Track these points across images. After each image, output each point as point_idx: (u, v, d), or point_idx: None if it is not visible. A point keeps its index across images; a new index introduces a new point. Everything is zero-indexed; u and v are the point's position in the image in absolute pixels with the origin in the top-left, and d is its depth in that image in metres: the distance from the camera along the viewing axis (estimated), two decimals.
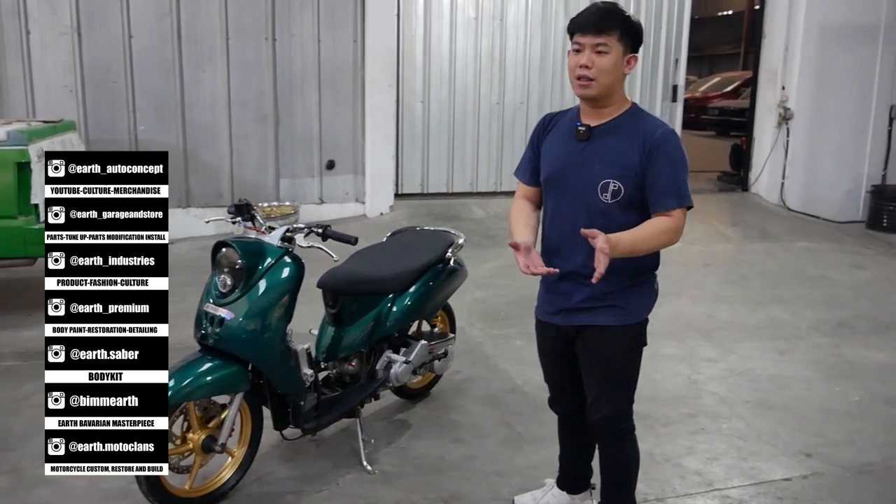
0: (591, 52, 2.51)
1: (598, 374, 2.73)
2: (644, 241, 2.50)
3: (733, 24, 31.74)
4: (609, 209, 2.56)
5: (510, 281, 6.42)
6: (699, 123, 17.68)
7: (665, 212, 2.52)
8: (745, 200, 9.71)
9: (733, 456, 3.69)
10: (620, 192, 2.54)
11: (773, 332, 5.47)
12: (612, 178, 2.55)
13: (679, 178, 2.53)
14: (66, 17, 7.25)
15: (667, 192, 2.52)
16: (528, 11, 9.02)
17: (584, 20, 2.53)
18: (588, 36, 2.51)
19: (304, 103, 8.10)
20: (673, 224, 2.52)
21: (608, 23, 2.51)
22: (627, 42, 2.55)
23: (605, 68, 2.51)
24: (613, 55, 2.51)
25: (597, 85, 2.53)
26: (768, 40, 9.61)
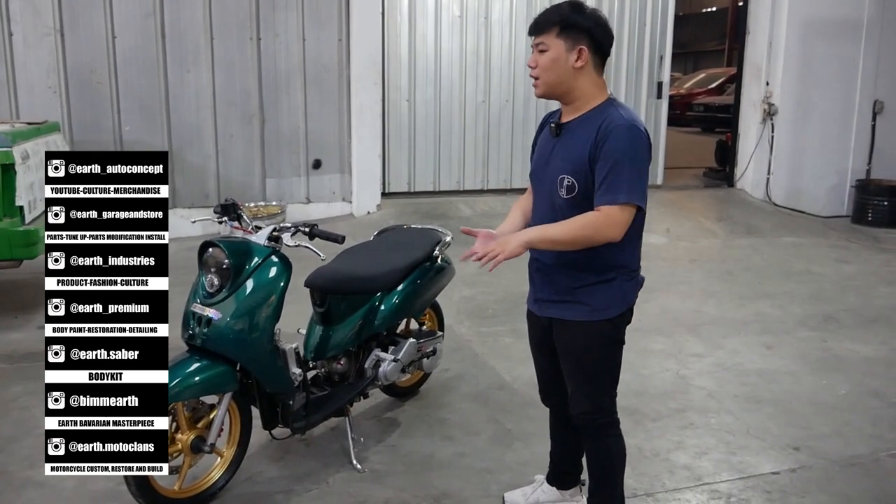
0: (535, 51, 2.59)
1: (570, 368, 2.76)
2: (560, 232, 2.49)
3: (717, 20, 31.93)
4: (566, 204, 2.57)
5: (498, 279, 6.42)
6: (684, 120, 17.76)
7: (600, 206, 2.48)
8: (731, 196, 9.76)
9: (722, 450, 3.71)
10: (574, 187, 2.54)
11: (761, 326, 5.50)
12: (566, 173, 2.56)
13: (620, 173, 2.45)
14: (48, 18, 7.19)
15: (601, 187, 2.47)
16: (513, 9, 9.03)
17: (532, 22, 2.62)
18: (532, 37, 2.61)
19: (290, 103, 8.08)
20: (598, 219, 2.46)
21: (545, 21, 2.57)
22: (570, 35, 2.53)
23: (545, 66, 2.56)
24: (552, 52, 2.55)
25: (542, 83, 2.59)
26: (752, 36, 9.66)
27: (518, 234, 2.53)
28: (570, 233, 2.49)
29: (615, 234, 2.48)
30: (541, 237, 2.53)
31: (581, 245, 2.52)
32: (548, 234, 2.52)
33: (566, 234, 2.49)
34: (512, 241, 2.48)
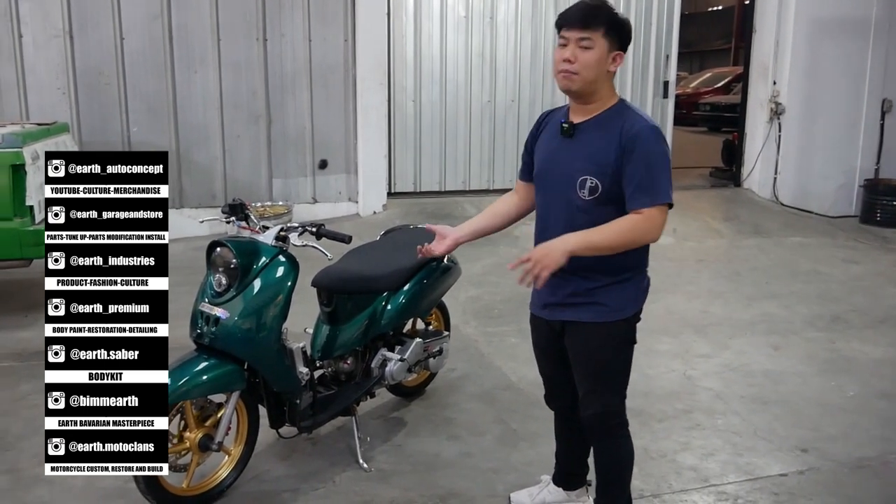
0: (576, 46, 2.52)
1: (584, 370, 2.74)
2: (603, 237, 2.46)
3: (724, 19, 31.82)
4: (587, 206, 2.56)
5: (504, 279, 6.43)
6: (691, 119, 17.73)
7: (638, 209, 2.48)
8: (738, 196, 9.73)
9: (729, 452, 3.70)
10: (598, 188, 2.54)
11: (768, 327, 5.49)
12: (589, 174, 2.54)
13: (654, 175, 2.48)
14: (58, 20, 7.23)
15: (640, 190, 2.48)
16: (519, 9, 9.03)
17: (571, 15, 2.55)
18: (573, 30, 2.52)
19: (296, 103, 8.10)
20: (642, 222, 2.47)
21: (593, 18, 2.52)
22: (613, 39, 2.55)
23: (588, 63, 2.52)
24: (597, 51, 2.52)
25: (579, 79, 2.53)
26: (759, 35, 9.64)
27: (559, 244, 2.41)
28: (614, 237, 2.46)
29: (656, 235, 2.50)
30: (584, 244, 2.44)
31: (623, 248, 2.50)
32: (591, 240, 2.45)
33: (611, 239, 2.46)
34: (554, 253, 2.39)
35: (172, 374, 2.94)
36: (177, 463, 3.08)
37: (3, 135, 4.92)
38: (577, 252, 2.43)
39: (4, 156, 4.85)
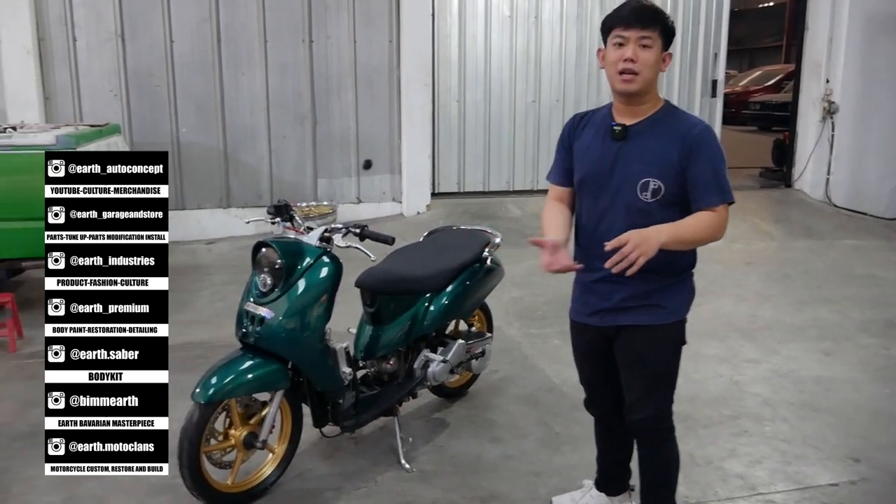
0: (636, 45, 2.49)
1: (639, 374, 2.70)
2: (690, 231, 2.47)
3: (775, 15, 31.23)
4: (649, 208, 2.54)
5: (547, 280, 6.38)
6: (740, 118, 17.43)
7: (709, 208, 2.50)
8: (789, 197, 9.54)
9: (777, 459, 3.62)
10: (661, 190, 2.52)
11: (819, 332, 5.36)
12: (652, 176, 2.52)
13: (720, 174, 2.52)
14: (110, 24, 7.40)
15: (709, 189, 2.50)
16: (564, 8, 8.98)
17: (629, 14, 2.52)
18: (633, 30, 2.49)
19: (341, 104, 8.17)
20: (716, 219, 2.50)
21: (652, 18, 2.51)
22: (667, 38, 2.56)
23: (650, 62, 2.50)
24: (656, 50, 2.51)
25: (640, 79, 2.51)
26: (811, 32, 9.44)
27: (654, 234, 2.37)
28: (697, 233, 2.49)
29: (723, 232, 2.54)
30: (674, 237, 2.43)
31: (700, 244, 2.55)
32: (680, 233, 2.44)
33: (694, 234, 2.49)
34: (652, 240, 2.34)
35: (218, 373, 3.00)
36: (222, 460, 3.14)
37: (58, 136, 5.04)
38: (669, 245, 2.42)
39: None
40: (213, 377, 2.98)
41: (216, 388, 2.95)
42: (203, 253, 7.42)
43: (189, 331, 5.28)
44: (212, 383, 2.96)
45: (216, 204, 7.92)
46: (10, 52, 7.14)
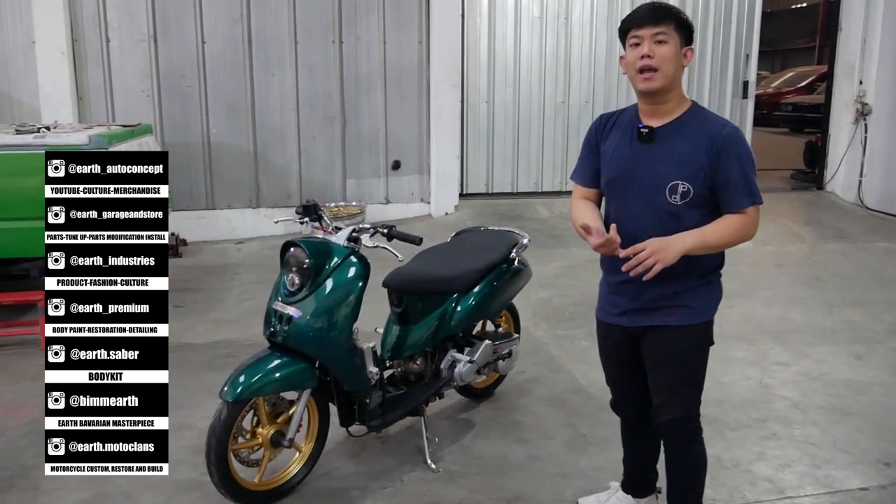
0: (651, 42, 2.49)
1: (667, 374, 2.69)
2: (716, 236, 2.50)
3: (808, 16, 30.84)
4: (678, 210, 2.53)
5: (575, 281, 6.38)
6: (771, 120, 17.23)
7: (738, 210, 2.50)
8: (820, 199, 9.42)
9: (806, 463, 3.58)
10: (690, 193, 2.51)
11: (850, 335, 5.29)
12: (681, 179, 2.51)
13: (749, 176, 2.51)
14: (143, 25, 7.50)
15: (739, 191, 2.49)
16: (594, 9, 8.94)
17: (640, 14, 2.54)
18: (646, 28, 2.50)
19: (370, 104, 8.21)
20: (746, 221, 2.51)
21: (663, 14, 2.52)
22: (682, 34, 2.53)
23: (668, 56, 2.49)
24: (672, 44, 2.50)
25: (661, 75, 2.50)
26: (845, 33, 9.31)
27: (677, 242, 2.43)
28: (724, 237, 2.51)
29: (754, 233, 2.56)
30: (700, 243, 2.47)
31: (728, 247, 2.57)
32: (706, 239, 2.48)
33: (723, 238, 2.51)
34: (672, 249, 2.42)
35: (246, 371, 3.03)
36: (249, 458, 3.17)
37: (91, 136, 5.12)
38: (693, 251, 2.47)
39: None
40: (241, 376, 3.01)
41: (244, 387, 2.98)
42: (232, 252, 7.49)
43: (218, 329, 5.33)
44: (240, 382, 2.99)
45: (246, 204, 8.00)
46: (45, 53, 7.27)
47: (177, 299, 6.00)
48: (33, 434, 3.81)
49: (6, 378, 4.50)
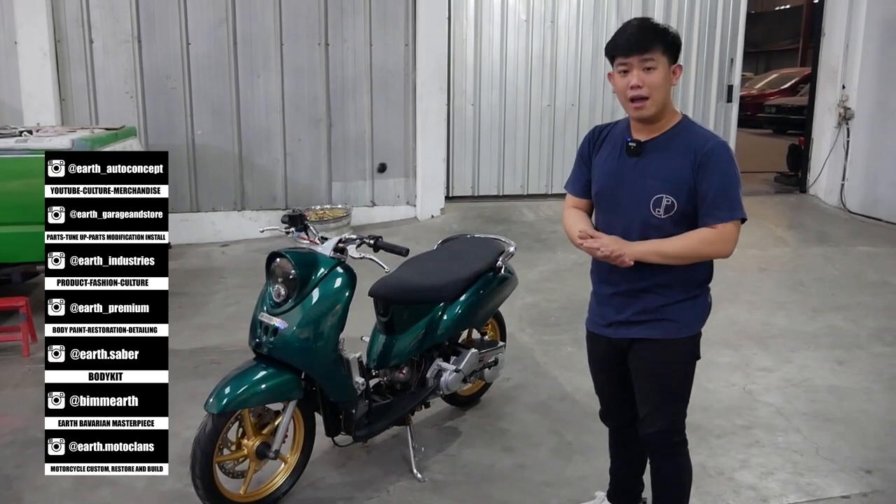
0: (640, 70, 2.48)
1: (650, 387, 2.71)
2: (674, 247, 2.50)
3: (791, 18, 31.02)
4: (662, 224, 2.54)
5: (561, 286, 6.40)
6: (755, 122, 17.33)
7: (715, 224, 2.49)
8: (803, 202, 9.49)
9: (789, 470, 3.61)
10: (673, 206, 2.52)
11: (833, 340, 5.33)
12: (664, 193, 2.52)
13: (730, 190, 2.50)
14: (127, 26, 7.45)
15: (717, 205, 2.49)
16: (580, 13, 8.96)
17: (625, 41, 2.50)
18: (633, 55, 2.48)
19: (356, 107, 8.19)
20: (716, 236, 2.50)
21: (651, 39, 2.48)
22: (670, 54, 2.52)
23: (656, 84, 2.48)
24: (661, 70, 2.49)
25: (652, 103, 2.50)
26: (828, 38, 9.38)
27: (631, 245, 2.51)
28: (685, 248, 2.51)
29: (730, 249, 2.53)
30: (656, 250, 2.50)
31: (692, 260, 2.56)
32: (664, 248, 2.51)
33: (681, 249, 2.51)
34: (627, 247, 2.50)
35: (231, 383, 3.02)
36: (234, 469, 3.16)
37: (73, 140, 5.08)
38: (647, 257, 2.49)
39: None
40: (227, 387, 3.00)
41: (229, 399, 2.97)
42: (217, 255, 7.46)
43: (202, 335, 5.31)
44: (225, 393, 2.98)
45: (231, 206, 7.96)
46: (27, 54, 7.20)
47: None
48: (16, 444, 3.78)
49: None
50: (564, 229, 2.80)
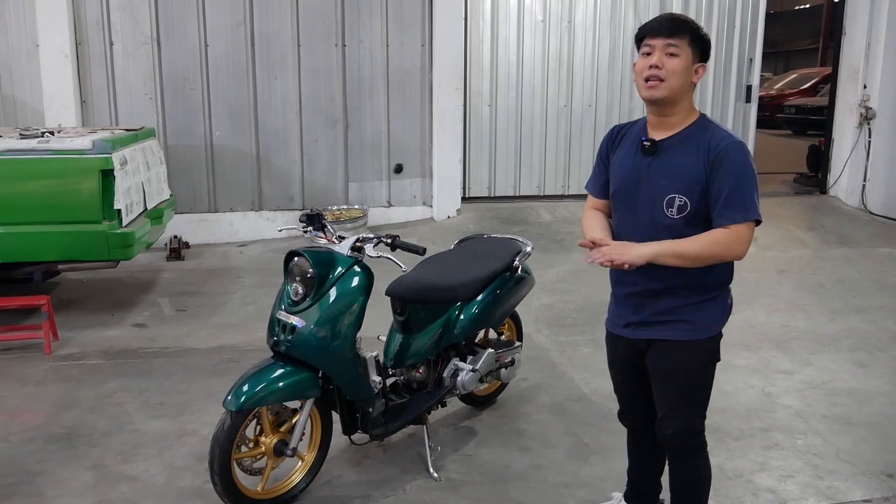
0: (662, 53, 2.48)
1: (668, 389, 2.69)
2: (689, 248, 2.47)
3: (811, 17, 30.79)
4: (675, 224, 2.52)
5: (578, 286, 6.38)
6: (774, 122, 17.22)
7: (728, 225, 2.46)
8: (824, 204, 9.41)
9: (809, 474, 3.58)
10: (686, 206, 2.50)
11: (853, 343, 5.28)
12: (677, 192, 2.51)
13: (744, 191, 2.46)
14: (146, 28, 7.50)
15: (727, 206, 2.46)
16: (597, 12, 8.93)
17: (656, 24, 2.53)
18: (659, 38, 2.49)
19: (373, 108, 8.20)
20: (729, 236, 2.46)
21: (679, 27, 2.50)
22: (697, 50, 2.51)
23: (676, 70, 2.47)
24: (683, 58, 2.48)
25: (665, 86, 2.48)
26: (849, 37, 9.29)
27: (641, 246, 2.48)
28: (699, 249, 2.47)
29: (743, 250, 2.49)
30: (668, 251, 2.47)
31: (705, 262, 2.51)
32: (676, 248, 2.47)
33: (695, 249, 2.47)
34: (633, 251, 2.47)
35: (249, 381, 3.04)
36: (252, 467, 3.17)
37: (94, 141, 5.12)
38: (660, 259, 2.46)
39: (95, 161, 5.05)
40: (245, 385, 3.01)
41: (247, 396, 2.98)
42: (235, 255, 7.50)
43: (221, 334, 5.34)
44: (243, 391, 2.99)
45: (248, 207, 8.00)
46: (49, 56, 7.27)
47: (179, 303, 6.01)
48: (37, 440, 3.82)
49: (10, 383, 4.50)
50: (581, 229, 2.80)
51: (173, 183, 7.07)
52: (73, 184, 5.10)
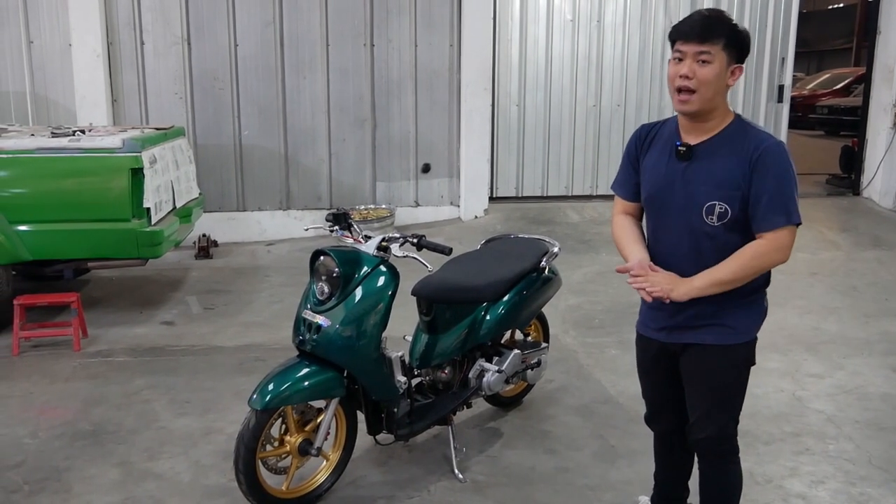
0: (693, 61, 2.38)
1: (701, 393, 2.65)
2: (730, 272, 2.42)
3: (845, 17, 30.31)
4: (715, 232, 2.45)
5: (605, 287, 6.33)
6: (807, 123, 16.97)
7: (770, 230, 2.39)
8: (857, 205, 9.25)
9: (840, 480, 3.51)
10: (727, 214, 2.43)
11: (886, 347, 5.18)
12: (717, 200, 2.43)
13: (786, 192, 2.39)
14: (177, 28, 7.58)
15: (773, 209, 2.38)
16: (627, 12, 8.86)
17: (688, 27, 2.41)
18: (691, 44, 2.38)
19: (401, 107, 8.21)
20: (768, 248, 2.40)
21: (713, 30, 2.38)
22: (733, 51, 2.41)
23: (708, 79, 2.37)
24: (717, 65, 2.38)
25: (698, 98, 2.39)
26: (884, 36, 9.13)
27: (687, 282, 2.44)
28: (741, 270, 2.42)
29: (785, 257, 2.44)
30: (714, 281, 2.43)
31: (751, 278, 2.46)
32: (718, 277, 2.42)
33: (737, 272, 2.42)
34: (681, 288, 2.44)
35: (275, 379, 3.04)
36: (277, 466, 3.18)
37: (124, 139, 5.17)
38: (705, 292, 2.44)
39: (124, 160, 5.10)
40: (270, 384, 3.02)
41: (273, 395, 2.99)
42: (262, 254, 7.54)
43: (247, 333, 5.36)
44: (269, 390, 3.00)
45: (276, 206, 8.04)
46: (81, 56, 7.36)
47: (207, 301, 6.05)
48: (65, 436, 3.86)
49: (39, 379, 4.56)
50: (613, 238, 2.74)
51: (202, 182, 7.13)
52: (103, 182, 5.16)
